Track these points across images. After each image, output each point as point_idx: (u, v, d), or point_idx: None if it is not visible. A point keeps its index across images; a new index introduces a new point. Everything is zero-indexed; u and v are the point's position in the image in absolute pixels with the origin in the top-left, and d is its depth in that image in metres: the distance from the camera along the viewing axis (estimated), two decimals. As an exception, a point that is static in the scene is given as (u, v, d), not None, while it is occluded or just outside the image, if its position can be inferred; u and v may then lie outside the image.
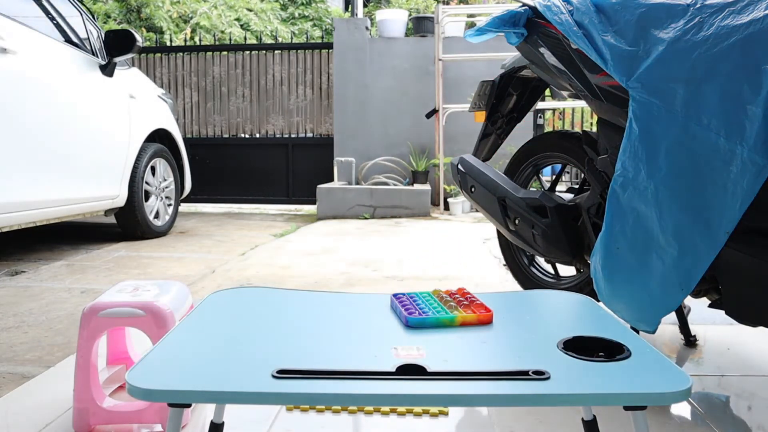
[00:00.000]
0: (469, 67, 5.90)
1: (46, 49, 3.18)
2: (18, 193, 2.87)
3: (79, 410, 1.25)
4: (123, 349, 1.50)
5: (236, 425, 1.27)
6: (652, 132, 1.27)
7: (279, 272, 2.92)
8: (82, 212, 3.46)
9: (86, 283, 2.71)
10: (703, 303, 1.54)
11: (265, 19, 12.11)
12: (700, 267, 1.24)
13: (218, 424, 1.05)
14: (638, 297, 1.39)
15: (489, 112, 2.18)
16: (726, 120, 1.16)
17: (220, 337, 0.92)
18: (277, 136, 6.30)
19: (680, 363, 1.70)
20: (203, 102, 6.39)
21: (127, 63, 4.14)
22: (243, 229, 4.71)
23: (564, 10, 1.51)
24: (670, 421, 1.34)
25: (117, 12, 10.17)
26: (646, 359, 0.82)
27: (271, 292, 1.19)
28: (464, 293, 1.10)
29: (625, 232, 1.36)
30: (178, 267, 3.12)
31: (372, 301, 1.11)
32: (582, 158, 1.80)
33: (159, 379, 0.74)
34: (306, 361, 0.82)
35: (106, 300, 1.28)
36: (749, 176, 1.13)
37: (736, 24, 1.18)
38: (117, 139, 3.70)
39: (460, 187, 2.12)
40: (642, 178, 1.29)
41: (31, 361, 1.71)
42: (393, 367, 0.77)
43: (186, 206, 6.18)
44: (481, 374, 0.76)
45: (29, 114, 2.95)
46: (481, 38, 1.88)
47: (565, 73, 1.65)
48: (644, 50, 1.31)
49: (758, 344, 1.81)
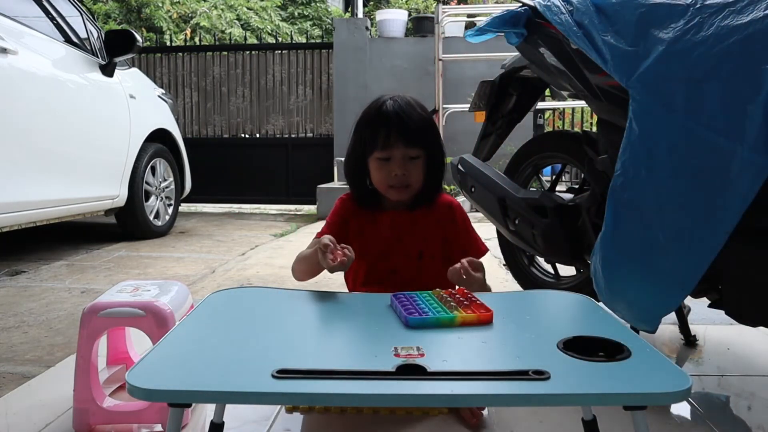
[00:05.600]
0: (469, 67, 5.90)
1: (46, 50, 3.18)
2: (18, 193, 2.87)
3: (79, 410, 1.24)
4: (123, 349, 1.50)
5: (236, 425, 1.27)
6: (652, 132, 1.27)
7: (279, 272, 2.92)
8: (82, 212, 3.46)
9: (86, 283, 2.71)
10: (703, 303, 1.54)
11: (265, 18, 12.10)
12: (700, 267, 1.23)
13: (218, 424, 1.05)
14: (638, 297, 1.39)
15: (489, 112, 2.17)
16: (726, 120, 1.16)
17: (220, 337, 0.92)
18: (277, 136, 6.29)
19: (680, 363, 1.70)
20: (203, 102, 6.39)
21: (127, 63, 4.14)
22: (243, 229, 4.71)
23: (564, 10, 1.51)
24: (670, 421, 1.34)
25: (117, 12, 10.17)
26: (646, 359, 0.82)
27: (272, 292, 1.19)
28: (464, 293, 1.10)
29: (625, 232, 1.36)
30: (178, 267, 3.12)
31: (372, 301, 1.11)
32: (582, 158, 1.80)
33: (159, 379, 0.74)
34: (306, 361, 0.82)
35: (106, 300, 1.28)
36: (749, 176, 1.13)
37: (736, 24, 1.18)
38: (117, 139, 3.70)
39: (460, 187, 2.12)
40: (642, 178, 1.29)
41: (31, 361, 1.71)
42: (393, 367, 0.77)
43: (186, 206, 6.17)
44: (481, 374, 0.76)
45: (29, 114, 2.95)
46: (481, 38, 1.88)
47: (565, 73, 1.65)
48: (644, 50, 1.30)
49: (758, 344, 1.81)
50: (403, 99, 1.40)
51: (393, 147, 1.36)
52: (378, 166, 1.38)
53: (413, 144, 1.37)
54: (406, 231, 1.43)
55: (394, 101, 1.39)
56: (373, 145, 1.37)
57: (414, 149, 1.37)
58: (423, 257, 1.43)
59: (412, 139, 1.37)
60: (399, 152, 1.36)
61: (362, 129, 1.41)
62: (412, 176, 1.38)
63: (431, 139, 1.41)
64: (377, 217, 1.45)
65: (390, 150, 1.36)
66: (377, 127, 1.37)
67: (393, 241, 1.43)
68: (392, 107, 1.37)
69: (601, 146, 1.64)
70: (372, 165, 1.40)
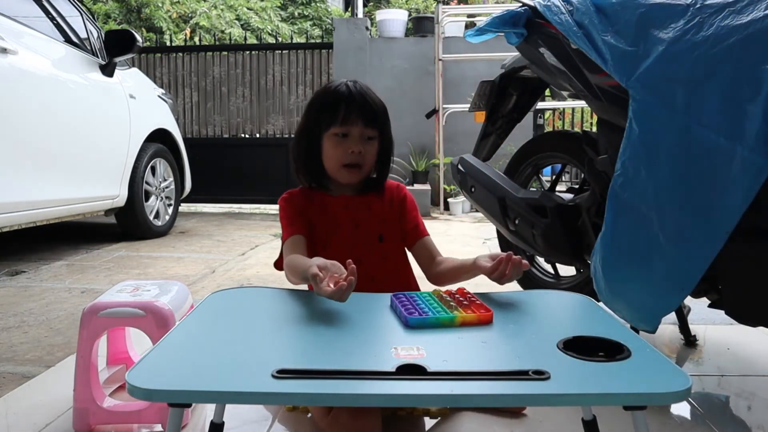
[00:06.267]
0: (469, 67, 5.90)
1: (46, 50, 3.18)
2: (18, 193, 2.87)
3: (79, 410, 1.25)
4: (123, 349, 1.50)
5: (236, 425, 1.27)
6: (652, 132, 1.27)
7: (279, 272, 2.92)
8: (82, 212, 3.46)
9: (86, 283, 2.71)
10: (703, 303, 1.54)
11: (265, 18, 12.10)
12: (700, 267, 1.24)
13: (218, 424, 1.05)
14: (638, 297, 1.39)
15: (489, 112, 2.18)
16: (726, 120, 1.16)
17: (220, 337, 0.92)
18: (277, 136, 6.29)
19: (680, 363, 1.70)
20: (203, 102, 6.39)
21: (127, 63, 4.14)
22: (243, 229, 4.71)
23: (564, 10, 1.51)
24: (670, 421, 1.34)
25: (117, 12, 10.17)
26: (646, 359, 0.82)
27: (271, 291, 1.19)
28: (464, 293, 1.10)
29: (625, 232, 1.36)
30: (178, 267, 3.12)
31: (372, 301, 1.11)
32: (582, 158, 1.80)
33: (159, 379, 0.74)
34: (306, 361, 0.82)
35: (106, 300, 1.28)
36: (749, 176, 1.13)
37: (735, 24, 1.18)
38: (117, 139, 3.70)
39: (460, 187, 2.12)
40: (642, 178, 1.29)
41: (31, 361, 1.71)
42: (393, 367, 0.77)
43: (186, 206, 6.17)
44: (481, 374, 0.76)
45: (29, 114, 2.95)
46: (481, 38, 1.88)
47: (565, 73, 1.65)
48: (644, 50, 1.30)
49: (758, 344, 1.81)
50: (362, 83, 1.41)
51: (352, 124, 1.35)
52: (334, 143, 1.37)
53: (372, 124, 1.37)
54: (362, 216, 1.42)
55: (354, 83, 1.39)
56: (331, 120, 1.36)
57: (371, 129, 1.38)
58: (384, 240, 1.42)
59: (372, 119, 1.37)
60: (357, 130, 1.36)
61: (319, 106, 1.40)
62: (367, 156, 1.38)
63: (386, 125, 1.42)
64: (327, 203, 1.42)
65: (349, 126, 1.35)
66: (337, 103, 1.36)
67: (351, 227, 1.40)
68: (353, 87, 1.38)
69: (601, 146, 1.64)
70: (327, 143, 1.38)
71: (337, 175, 1.40)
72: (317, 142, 1.40)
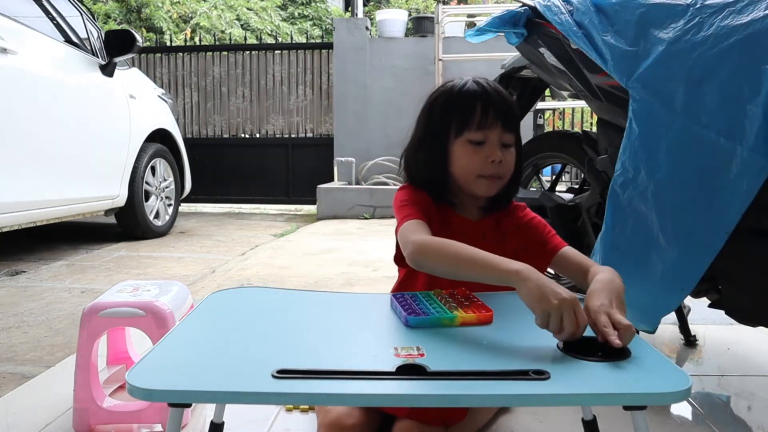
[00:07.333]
0: (469, 67, 5.89)
1: (46, 49, 3.18)
2: (18, 193, 2.87)
3: (79, 410, 1.25)
4: (123, 349, 1.50)
5: (236, 425, 1.27)
6: (652, 132, 1.27)
7: (279, 272, 2.92)
8: (82, 212, 3.46)
9: (86, 283, 2.71)
10: (703, 303, 1.54)
11: (265, 18, 12.10)
12: (700, 267, 1.24)
13: (218, 424, 1.05)
14: (638, 297, 1.39)
15: (489, 112, 2.17)
16: (726, 120, 1.16)
17: (221, 337, 0.92)
18: (277, 136, 6.29)
19: (680, 363, 1.70)
20: (203, 102, 6.39)
21: (127, 63, 4.14)
22: (243, 229, 4.71)
23: (564, 10, 1.51)
24: (670, 421, 1.34)
25: (117, 12, 10.17)
26: (646, 359, 0.82)
27: (271, 291, 1.19)
28: (464, 293, 1.10)
29: (625, 232, 1.36)
30: (178, 267, 3.12)
31: (372, 301, 1.11)
32: (582, 158, 1.80)
33: (159, 379, 0.74)
34: (306, 361, 0.82)
35: (106, 300, 1.28)
36: (749, 176, 1.13)
37: (735, 24, 1.18)
38: (117, 139, 3.70)
39: (460, 187, 2.11)
40: (642, 178, 1.29)
41: (31, 361, 1.71)
42: (393, 367, 0.77)
43: (186, 206, 6.17)
44: (481, 374, 0.76)
45: (29, 114, 2.95)
46: (481, 38, 1.88)
47: (565, 73, 1.65)
48: (644, 50, 1.30)
49: (758, 344, 1.81)
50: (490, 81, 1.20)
51: (490, 128, 1.14)
52: (468, 152, 1.15)
53: (510, 128, 1.16)
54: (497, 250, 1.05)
55: (485, 80, 1.19)
56: (464, 124, 1.15)
57: (510, 135, 1.17)
58: None
59: (510, 123, 1.16)
60: (496, 135, 1.15)
61: (445, 108, 1.18)
62: (508, 166, 1.17)
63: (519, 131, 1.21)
64: (452, 222, 1.21)
65: (486, 131, 1.14)
66: (471, 103, 1.15)
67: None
68: (486, 84, 1.17)
69: (601, 146, 1.64)
70: (459, 150, 1.16)
71: (473, 186, 1.18)
72: (442, 149, 1.18)
